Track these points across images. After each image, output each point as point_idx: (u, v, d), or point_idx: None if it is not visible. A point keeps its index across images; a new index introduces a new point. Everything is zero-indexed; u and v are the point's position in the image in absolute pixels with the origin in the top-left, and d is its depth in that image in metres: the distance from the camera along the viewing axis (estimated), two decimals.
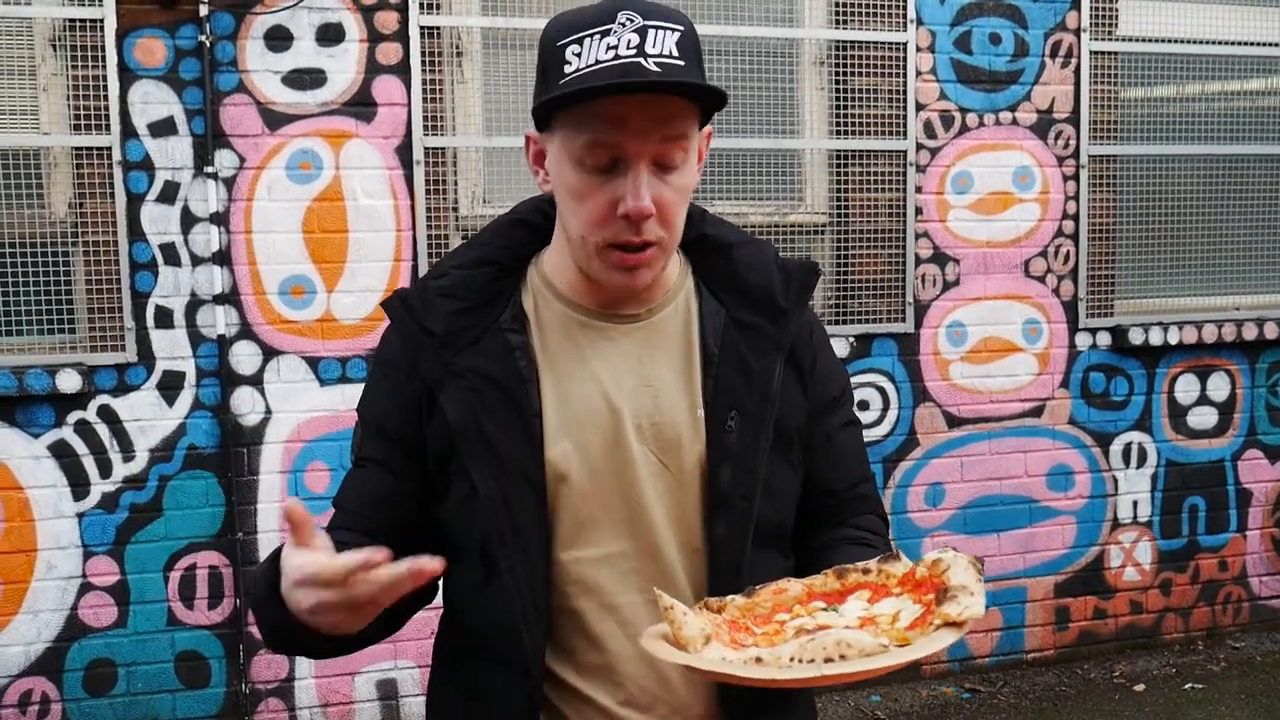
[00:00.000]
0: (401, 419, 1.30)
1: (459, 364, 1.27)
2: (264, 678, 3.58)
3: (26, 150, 3.38)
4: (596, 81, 1.15)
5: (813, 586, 1.20)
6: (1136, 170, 4.34)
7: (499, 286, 1.32)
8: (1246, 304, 4.54)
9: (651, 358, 1.31)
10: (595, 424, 1.27)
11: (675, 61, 1.17)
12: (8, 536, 3.36)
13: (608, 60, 1.16)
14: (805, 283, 1.37)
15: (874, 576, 1.18)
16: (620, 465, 1.28)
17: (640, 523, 1.28)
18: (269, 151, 3.46)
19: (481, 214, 3.70)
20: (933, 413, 4.11)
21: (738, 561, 1.27)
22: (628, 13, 1.18)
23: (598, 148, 1.18)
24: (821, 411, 1.38)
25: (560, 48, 1.19)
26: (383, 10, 3.52)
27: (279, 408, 3.52)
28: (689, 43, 1.20)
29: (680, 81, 1.16)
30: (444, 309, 1.29)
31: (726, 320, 1.33)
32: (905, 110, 3.99)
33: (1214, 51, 4.36)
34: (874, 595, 1.16)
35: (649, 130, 1.18)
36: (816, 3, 3.99)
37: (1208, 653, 4.43)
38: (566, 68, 1.18)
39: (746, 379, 1.31)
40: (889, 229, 4.03)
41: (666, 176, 1.21)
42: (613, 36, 1.16)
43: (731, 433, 1.29)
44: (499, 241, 1.35)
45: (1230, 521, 4.53)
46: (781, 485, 1.33)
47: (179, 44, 3.38)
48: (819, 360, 1.38)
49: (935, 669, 4.20)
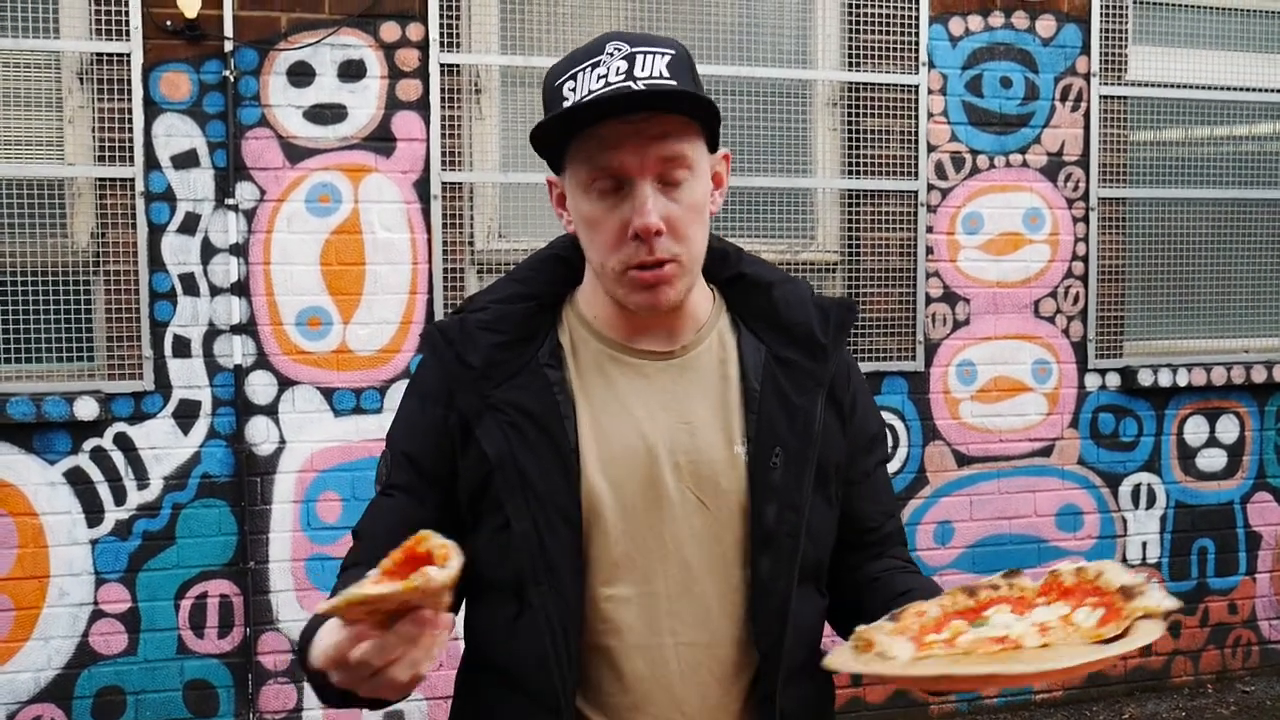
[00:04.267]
0: (435, 449, 1.30)
1: (496, 397, 1.27)
2: (272, 707, 3.58)
3: (51, 180, 3.43)
4: (597, 101, 1.18)
5: (946, 606, 1.18)
6: (1146, 213, 4.38)
7: (537, 322, 1.32)
8: (1256, 346, 4.55)
9: (687, 394, 1.31)
10: (631, 461, 1.27)
11: (665, 81, 1.19)
12: (21, 562, 3.38)
13: (598, 89, 1.18)
14: (843, 320, 1.37)
15: (1006, 591, 1.16)
16: (656, 503, 1.27)
17: (674, 561, 1.27)
18: (289, 184, 3.51)
19: (496, 248, 3.74)
20: (942, 451, 4.12)
21: (784, 599, 1.26)
22: (616, 42, 1.21)
23: (601, 173, 1.21)
24: (861, 450, 1.39)
25: (558, 86, 1.22)
26: (404, 48, 3.58)
27: (293, 438, 3.55)
28: (680, 64, 1.22)
29: (657, 91, 1.18)
30: (484, 342, 1.29)
31: (767, 357, 1.33)
32: (917, 151, 4.03)
33: (1222, 97, 4.41)
34: (1016, 607, 1.13)
35: (646, 148, 1.20)
36: (830, 45, 4.05)
37: (1217, 696, 4.40)
38: (564, 103, 1.21)
39: (789, 416, 1.30)
40: (900, 268, 4.06)
41: (673, 194, 1.22)
42: (602, 66, 1.19)
43: (776, 470, 1.28)
44: (538, 277, 1.36)
45: (1240, 564, 4.52)
46: (821, 523, 1.33)
47: (203, 78, 3.44)
48: (858, 399, 1.40)
49: (943, 709, 4.18)
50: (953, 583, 4.28)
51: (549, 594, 1.23)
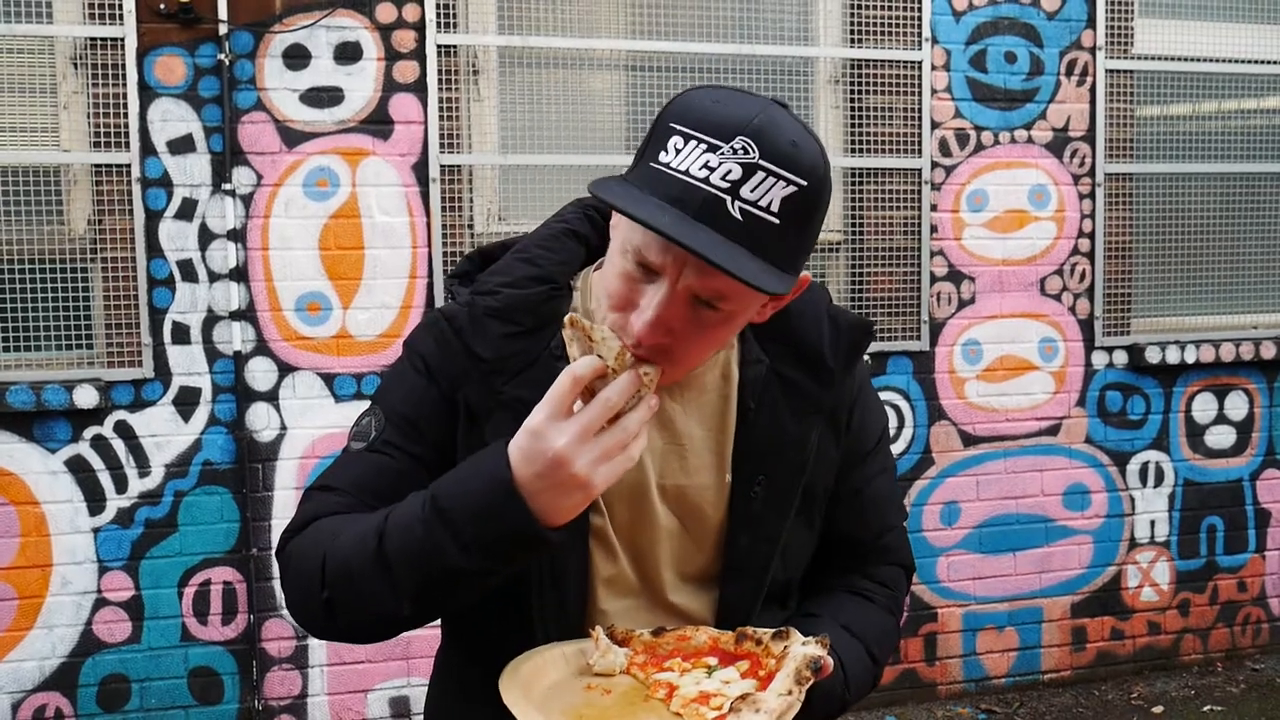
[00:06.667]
0: (436, 417, 1.22)
1: (508, 394, 1.19)
2: (277, 694, 3.57)
3: (47, 167, 3.41)
4: (651, 213, 1.02)
5: (718, 641, 1.18)
6: (1152, 188, 4.33)
7: (551, 308, 1.22)
8: (1265, 323, 4.51)
9: (684, 412, 1.24)
10: (621, 481, 1.19)
11: (767, 218, 1.03)
12: (24, 551, 3.37)
13: (696, 179, 1.03)
14: (856, 343, 1.27)
15: (759, 649, 1.15)
16: (640, 525, 1.24)
17: (653, 584, 1.25)
18: (286, 169, 3.48)
19: (496, 231, 3.71)
20: (948, 431, 4.10)
21: (743, 624, 1.23)
22: (745, 140, 1.03)
23: (638, 254, 1.08)
24: (853, 465, 1.32)
25: (670, 129, 1.06)
26: (400, 29, 3.54)
27: (294, 424, 3.53)
28: (799, 203, 1.05)
29: (723, 267, 1.01)
30: (495, 332, 1.20)
31: (769, 372, 1.25)
32: (920, 128, 3.99)
33: (1230, 70, 4.35)
34: (750, 669, 1.14)
35: (691, 271, 1.06)
36: (832, 21, 4.00)
37: (1227, 674, 4.38)
38: (663, 155, 1.05)
39: (780, 443, 1.24)
40: (904, 247, 4.02)
41: (702, 312, 1.09)
42: (716, 156, 1.03)
43: (756, 500, 1.24)
44: (550, 256, 1.26)
45: (1249, 542, 4.49)
46: (798, 546, 1.29)
47: (198, 62, 3.40)
48: (857, 413, 1.31)
49: (950, 689, 4.17)
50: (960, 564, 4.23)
51: (552, 606, 1.20)
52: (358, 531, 1.11)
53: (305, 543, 1.19)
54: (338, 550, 1.12)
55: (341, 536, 1.13)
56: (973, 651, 4.19)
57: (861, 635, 1.26)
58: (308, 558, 1.16)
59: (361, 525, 1.12)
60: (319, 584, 1.14)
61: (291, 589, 1.20)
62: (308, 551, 1.17)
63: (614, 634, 1.19)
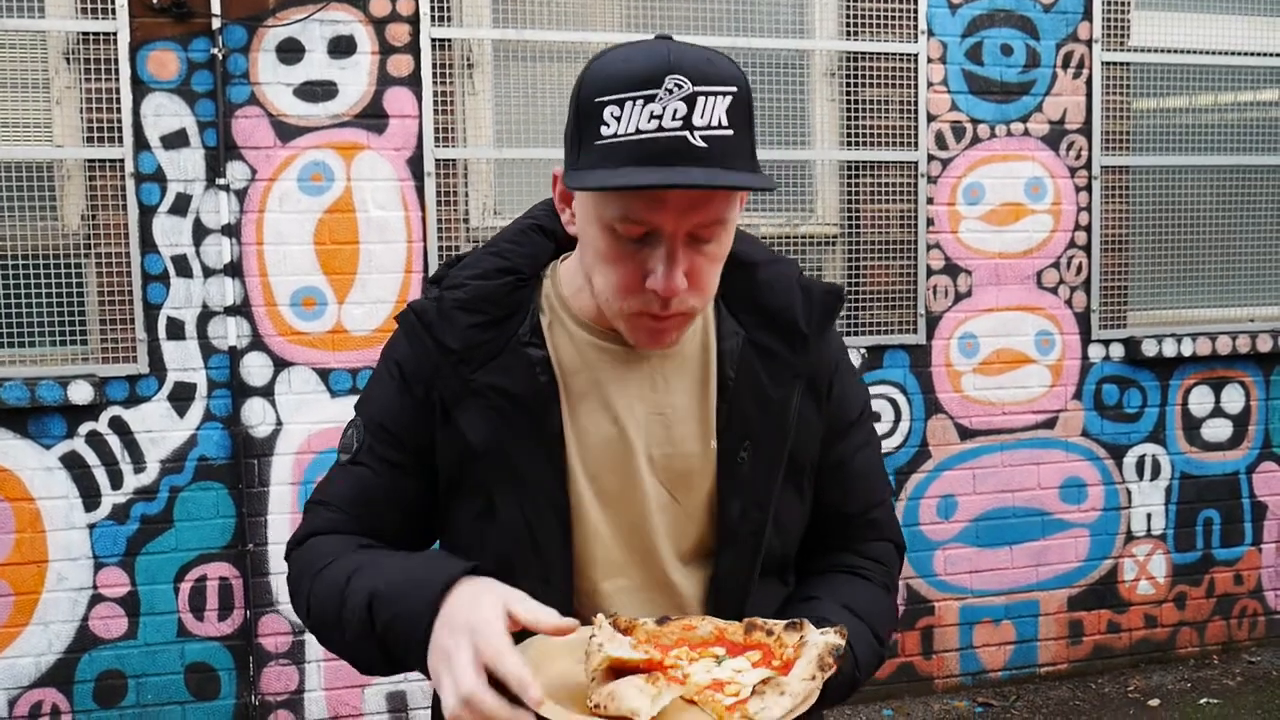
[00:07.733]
0: (416, 425, 1.26)
1: (478, 381, 1.22)
2: (274, 689, 3.57)
3: (40, 162, 3.39)
4: (637, 177, 1.06)
5: (724, 632, 1.18)
6: (1149, 181, 4.32)
7: (517, 298, 1.26)
8: (1261, 315, 4.51)
9: (666, 383, 1.26)
10: (608, 454, 1.24)
11: (724, 133, 1.08)
12: (19, 547, 3.36)
13: (650, 130, 1.06)
14: (828, 307, 1.30)
15: (772, 640, 1.15)
16: (631, 498, 1.25)
17: (650, 556, 1.26)
18: (280, 163, 3.47)
19: (492, 225, 3.70)
20: (944, 425, 4.09)
21: (742, 594, 1.25)
22: (676, 77, 1.07)
23: (631, 223, 1.11)
24: (837, 436, 1.33)
25: (598, 104, 1.10)
26: (394, 23, 3.53)
27: (290, 419, 3.52)
28: (740, 107, 1.10)
29: (726, 185, 1.09)
30: (462, 323, 1.23)
31: (744, 343, 1.27)
32: (916, 121, 3.98)
33: (1227, 62, 4.35)
34: (763, 658, 1.13)
35: (688, 211, 1.10)
36: (827, 14, 3.99)
37: (1223, 667, 4.39)
38: (604, 129, 1.09)
39: (762, 409, 1.26)
40: (900, 240, 4.02)
41: (702, 247, 1.14)
42: (657, 104, 1.06)
43: (744, 465, 1.25)
44: (518, 249, 1.29)
45: (1245, 535, 4.50)
46: (790, 516, 1.30)
47: (191, 57, 3.39)
48: (836, 384, 1.33)
49: (947, 683, 4.17)
50: (957, 557, 4.23)
51: (538, 585, 1.20)
52: (333, 579, 1.20)
53: (301, 564, 1.28)
54: (316, 593, 1.23)
55: (322, 576, 1.22)
56: (969, 645, 4.19)
57: (865, 615, 1.27)
58: (299, 582, 1.27)
59: (337, 572, 1.20)
60: (305, 615, 1.26)
61: (292, 602, 1.31)
62: (300, 575, 1.27)
63: (617, 623, 1.18)
